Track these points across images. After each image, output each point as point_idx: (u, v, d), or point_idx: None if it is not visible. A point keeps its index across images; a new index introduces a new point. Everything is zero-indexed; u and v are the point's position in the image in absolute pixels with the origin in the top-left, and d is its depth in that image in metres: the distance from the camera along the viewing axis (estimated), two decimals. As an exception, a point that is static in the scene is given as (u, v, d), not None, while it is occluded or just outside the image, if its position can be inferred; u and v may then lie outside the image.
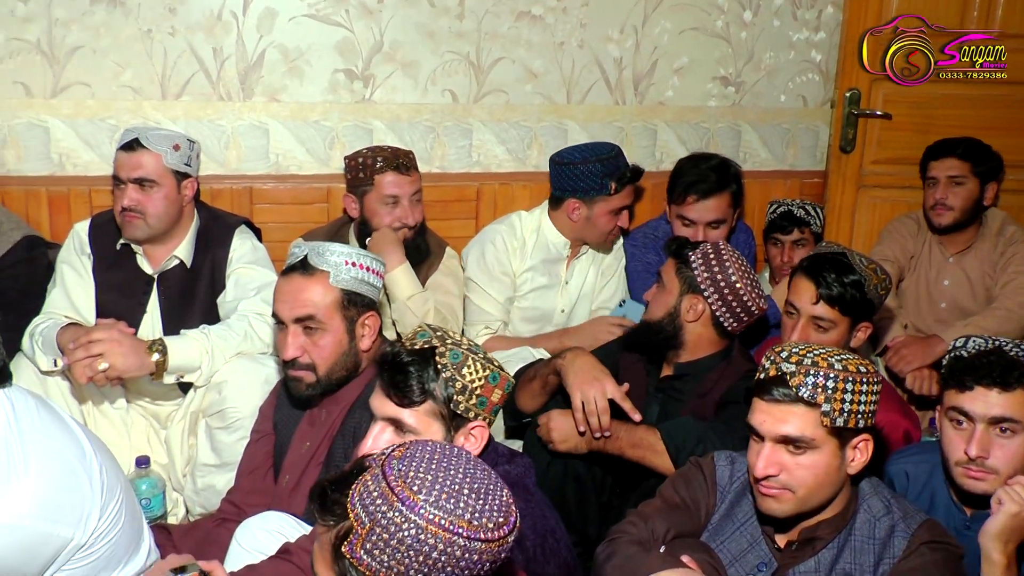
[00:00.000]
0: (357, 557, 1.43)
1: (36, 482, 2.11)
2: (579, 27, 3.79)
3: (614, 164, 3.43)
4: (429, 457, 1.52)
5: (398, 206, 3.30)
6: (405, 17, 3.63)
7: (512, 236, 3.57)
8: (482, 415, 2.06)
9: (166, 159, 3.06)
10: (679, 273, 2.76)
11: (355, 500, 1.46)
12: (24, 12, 3.38)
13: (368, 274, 2.54)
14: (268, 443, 2.67)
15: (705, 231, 3.49)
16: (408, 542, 1.41)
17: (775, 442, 1.99)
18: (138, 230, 3.07)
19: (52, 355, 2.90)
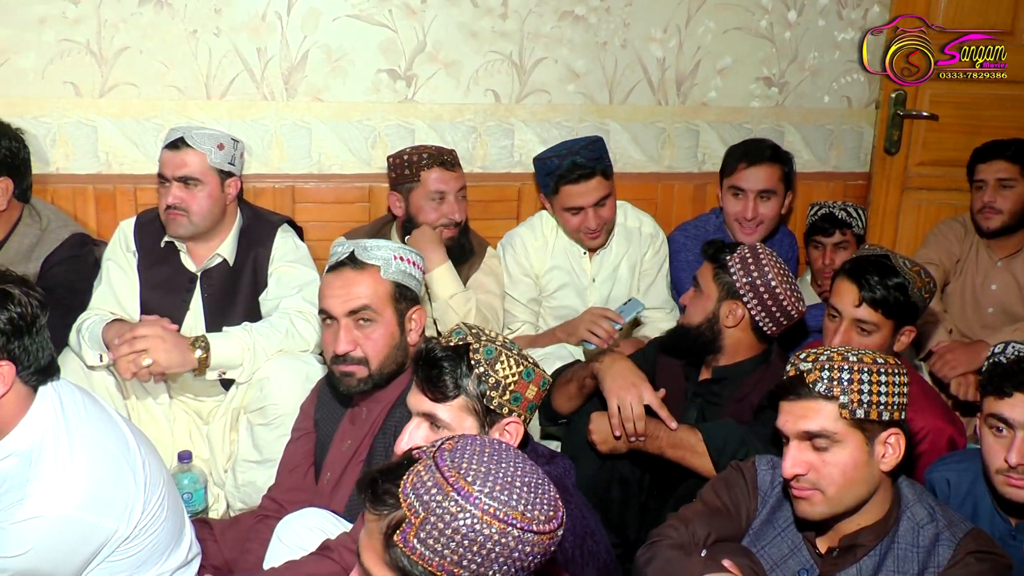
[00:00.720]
0: (410, 546, 1.43)
1: (82, 475, 2.15)
2: (622, 27, 3.77)
3: (555, 162, 3.40)
4: (480, 450, 1.53)
5: (444, 202, 3.31)
6: (448, 17, 3.64)
7: (533, 237, 3.57)
8: (516, 411, 2.05)
9: (210, 158, 3.09)
10: (717, 278, 2.74)
11: (408, 490, 1.46)
12: (75, 13, 3.44)
13: (413, 268, 2.56)
14: (309, 441, 2.68)
15: (755, 202, 3.49)
16: (463, 531, 1.42)
17: (799, 440, 1.99)
18: (182, 228, 3.10)
19: (97, 350, 2.94)
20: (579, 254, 3.56)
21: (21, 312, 2.10)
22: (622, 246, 3.60)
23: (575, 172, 3.36)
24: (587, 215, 3.41)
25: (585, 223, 3.42)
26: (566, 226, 3.48)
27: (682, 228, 3.72)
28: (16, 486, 2.12)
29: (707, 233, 3.60)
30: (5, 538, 2.08)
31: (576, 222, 3.44)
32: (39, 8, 3.41)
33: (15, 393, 2.13)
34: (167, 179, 3.09)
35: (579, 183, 3.37)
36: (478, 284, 3.38)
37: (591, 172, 3.37)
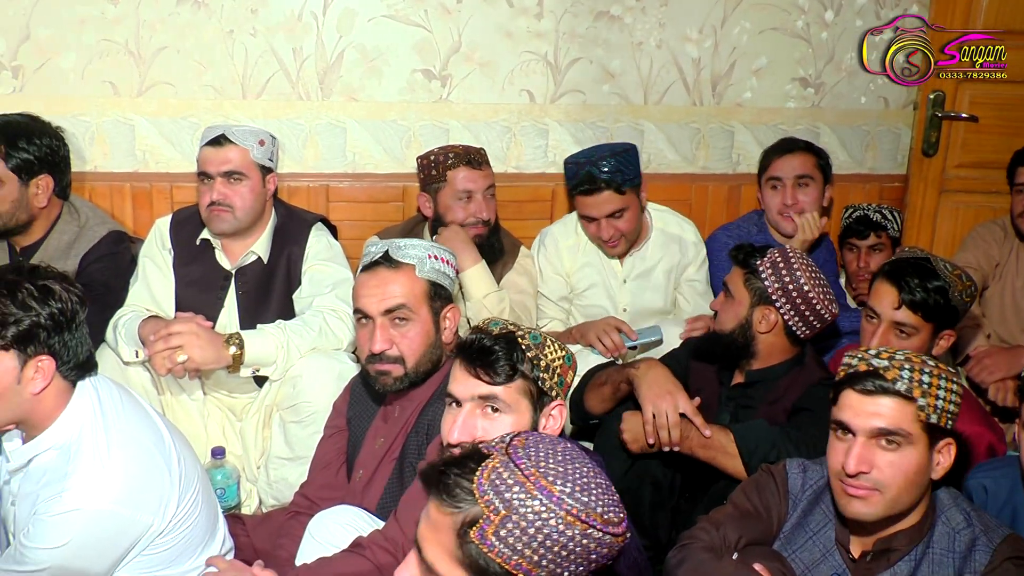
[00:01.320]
0: (488, 543, 1.43)
1: (119, 470, 2.17)
2: (658, 27, 3.76)
3: (574, 169, 3.37)
4: (552, 448, 1.54)
5: (472, 201, 3.32)
6: (484, 17, 3.64)
7: (565, 235, 3.57)
8: (561, 395, 2.09)
9: (252, 153, 3.12)
10: (748, 284, 2.71)
11: (486, 486, 1.46)
12: (114, 14, 3.47)
13: (446, 266, 2.58)
14: (341, 439, 2.70)
15: (793, 189, 3.47)
16: (547, 531, 1.43)
17: (868, 437, 1.94)
18: (226, 223, 3.11)
19: (133, 346, 2.96)
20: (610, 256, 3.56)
21: (61, 308, 2.13)
22: (658, 251, 3.57)
23: (585, 184, 3.33)
24: (600, 225, 3.39)
25: (598, 232, 3.41)
26: (585, 231, 3.50)
27: (725, 228, 3.70)
28: (55, 479, 2.14)
29: (749, 234, 3.57)
30: (45, 530, 2.11)
31: (592, 230, 3.44)
32: (80, 9, 3.45)
33: (55, 388, 2.16)
34: (209, 175, 3.10)
35: (590, 195, 3.34)
36: (511, 284, 3.38)
37: (603, 186, 3.31)
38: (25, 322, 2.07)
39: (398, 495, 2.43)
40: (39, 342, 2.10)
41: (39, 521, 2.12)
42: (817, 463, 2.14)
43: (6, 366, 2.08)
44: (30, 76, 3.50)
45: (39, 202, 3.14)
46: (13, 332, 2.07)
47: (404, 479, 2.48)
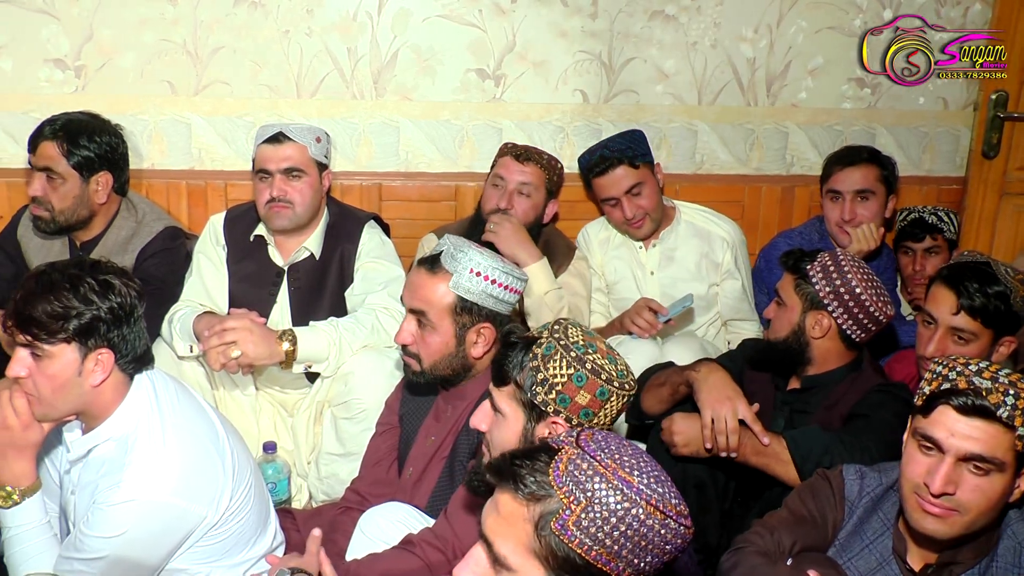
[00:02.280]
0: (569, 534, 1.45)
1: (175, 462, 2.20)
2: (712, 26, 3.73)
3: (586, 158, 3.44)
4: (617, 442, 1.57)
5: (500, 189, 3.33)
6: (538, 17, 3.63)
7: (597, 230, 3.59)
8: (564, 413, 2.00)
9: (310, 150, 3.15)
10: (799, 289, 2.66)
11: (564, 478, 1.48)
12: (172, 14, 3.52)
13: (498, 288, 2.50)
14: (393, 436, 2.71)
15: (852, 204, 3.40)
16: (628, 521, 1.45)
17: (958, 459, 1.85)
18: (286, 220, 3.14)
19: (188, 341, 3.00)
20: (636, 247, 3.54)
21: (121, 302, 2.16)
22: (687, 243, 3.53)
23: (600, 164, 3.37)
24: (622, 205, 3.39)
25: (622, 214, 3.40)
26: (610, 219, 3.50)
27: (785, 235, 3.64)
28: (113, 470, 2.18)
29: (811, 241, 3.52)
30: (103, 519, 2.14)
31: (616, 215, 3.43)
32: (140, 10, 3.51)
33: (113, 380, 2.19)
34: (269, 172, 3.13)
35: (605, 174, 3.37)
36: (565, 285, 3.36)
37: (616, 161, 3.35)
38: (86, 316, 2.11)
39: (448, 493, 2.43)
40: (99, 335, 2.13)
41: (97, 510, 2.15)
42: (875, 470, 2.10)
43: (67, 358, 2.12)
44: (92, 75, 3.56)
45: (99, 198, 3.19)
46: (75, 325, 2.10)
47: (455, 478, 2.48)
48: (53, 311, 2.09)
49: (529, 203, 3.37)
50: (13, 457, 2.23)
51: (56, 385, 2.14)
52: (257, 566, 2.45)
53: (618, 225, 3.50)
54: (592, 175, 3.41)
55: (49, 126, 3.14)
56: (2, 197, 3.55)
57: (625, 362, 2.09)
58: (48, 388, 2.15)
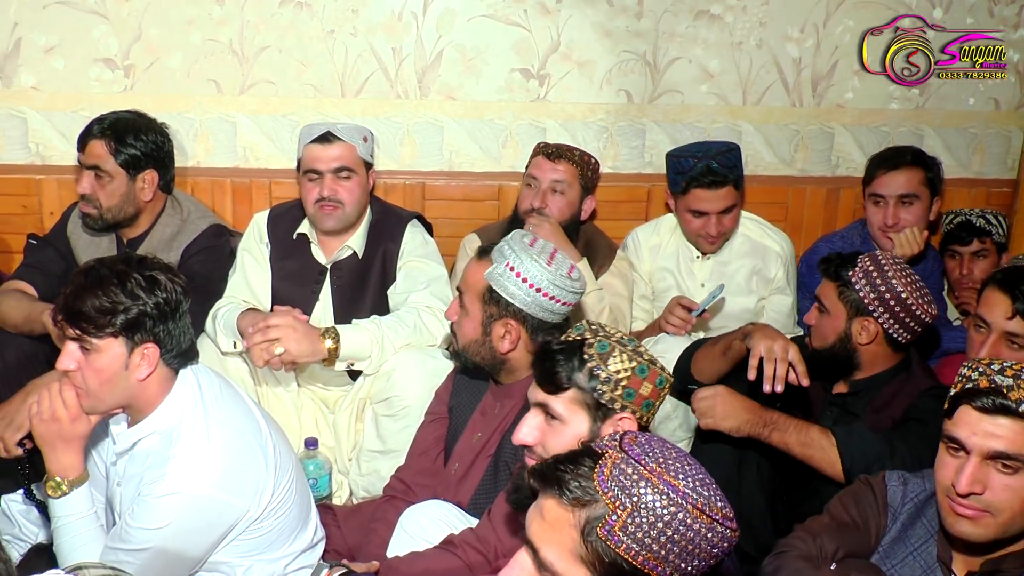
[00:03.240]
0: (616, 539, 1.44)
1: (218, 456, 2.22)
2: (758, 26, 3.70)
3: (691, 163, 3.34)
4: (661, 445, 1.56)
5: (534, 189, 3.33)
6: (583, 17, 3.63)
7: (648, 235, 3.56)
8: (630, 407, 2.02)
9: (359, 149, 3.16)
10: (843, 297, 2.63)
11: (609, 483, 1.47)
12: (220, 15, 3.56)
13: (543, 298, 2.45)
14: (441, 427, 2.71)
15: (896, 208, 3.34)
16: (675, 525, 1.44)
17: (984, 458, 1.83)
18: (336, 220, 3.15)
19: (232, 337, 3.02)
20: (692, 257, 3.50)
21: (166, 298, 2.18)
22: (742, 258, 3.51)
23: (708, 177, 3.30)
24: (710, 221, 3.35)
25: (706, 228, 3.37)
26: (687, 227, 3.43)
27: (827, 240, 3.58)
28: (158, 463, 2.20)
29: (852, 244, 3.47)
30: (148, 511, 2.16)
31: (697, 225, 3.38)
32: (188, 10, 3.55)
33: (158, 374, 2.22)
34: (319, 172, 3.14)
35: (710, 188, 3.31)
36: (606, 285, 3.35)
37: (724, 180, 3.30)
38: (133, 311, 2.13)
39: (492, 493, 2.43)
40: (145, 330, 2.16)
41: (142, 502, 2.18)
42: (919, 476, 2.07)
43: (114, 352, 2.15)
44: (140, 75, 3.61)
45: (145, 196, 3.22)
46: (122, 320, 2.12)
47: (499, 478, 2.47)
48: (101, 306, 2.11)
49: (564, 200, 3.35)
50: (62, 448, 2.25)
51: (103, 378, 2.17)
52: (297, 561, 2.47)
53: (692, 234, 3.44)
54: (695, 185, 3.32)
55: (97, 125, 3.17)
56: (53, 194, 3.60)
57: None
58: (96, 381, 2.17)
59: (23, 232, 3.41)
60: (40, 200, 3.61)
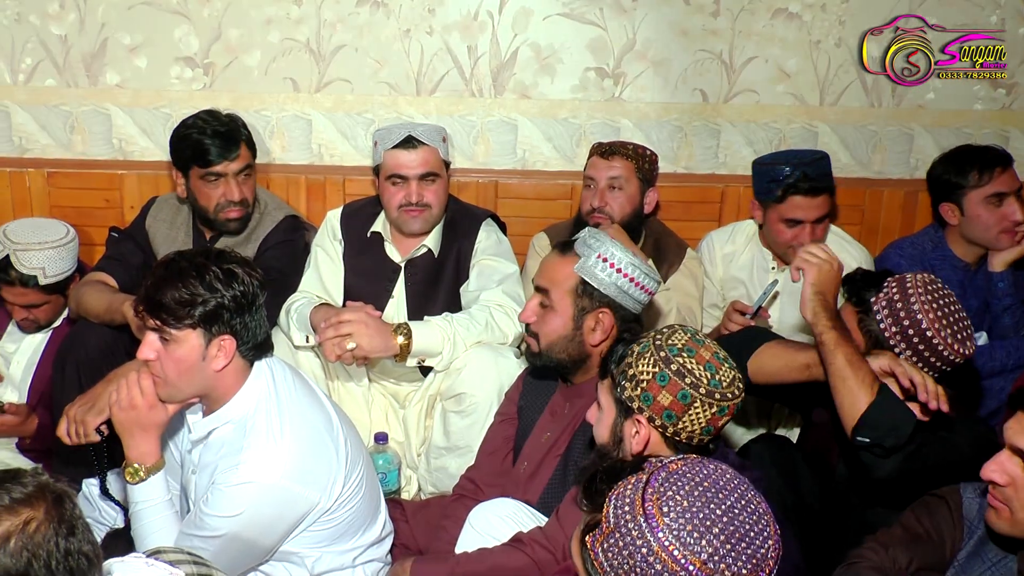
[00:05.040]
0: (594, 551, 1.47)
1: (291, 447, 2.25)
2: (837, 24, 3.64)
3: (787, 171, 3.21)
4: (699, 481, 1.49)
5: (592, 189, 3.31)
6: (659, 15, 3.60)
7: (722, 242, 3.48)
8: (647, 412, 1.99)
9: (441, 152, 3.17)
10: (862, 325, 2.46)
11: (612, 497, 1.48)
12: (297, 14, 3.61)
13: (628, 282, 2.48)
14: (511, 427, 2.72)
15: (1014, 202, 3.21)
16: (637, 558, 1.42)
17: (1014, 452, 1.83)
18: (422, 222, 3.16)
19: (304, 331, 3.05)
20: (767, 267, 3.41)
21: (243, 291, 2.21)
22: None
23: (807, 183, 3.18)
24: (804, 230, 3.23)
25: (800, 238, 3.23)
26: (778, 237, 3.29)
27: (897, 246, 3.47)
28: (232, 452, 2.24)
29: (924, 252, 3.36)
30: (222, 499, 2.20)
31: (790, 236, 3.25)
32: (267, 10, 3.60)
33: (234, 366, 2.25)
34: (404, 178, 3.13)
35: (809, 196, 3.19)
36: (677, 286, 3.31)
37: (822, 189, 3.21)
38: (211, 303, 2.17)
39: (560, 492, 2.43)
40: (223, 322, 2.20)
41: (216, 490, 2.21)
42: None
43: (192, 343, 2.19)
44: (219, 73, 3.67)
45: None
46: (200, 312, 2.16)
47: (567, 476, 2.47)
48: (181, 298, 2.15)
49: (624, 196, 3.31)
50: (139, 436, 2.30)
51: (182, 369, 2.21)
52: (366, 554, 2.49)
53: (781, 244, 3.30)
54: (793, 191, 3.20)
55: (243, 128, 3.23)
56: (133, 189, 3.67)
57: (733, 376, 2.02)
58: (174, 371, 2.22)
59: (105, 225, 3.50)
60: (121, 194, 3.69)
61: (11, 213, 3.63)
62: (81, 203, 3.69)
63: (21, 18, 3.61)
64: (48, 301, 3.13)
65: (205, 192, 3.17)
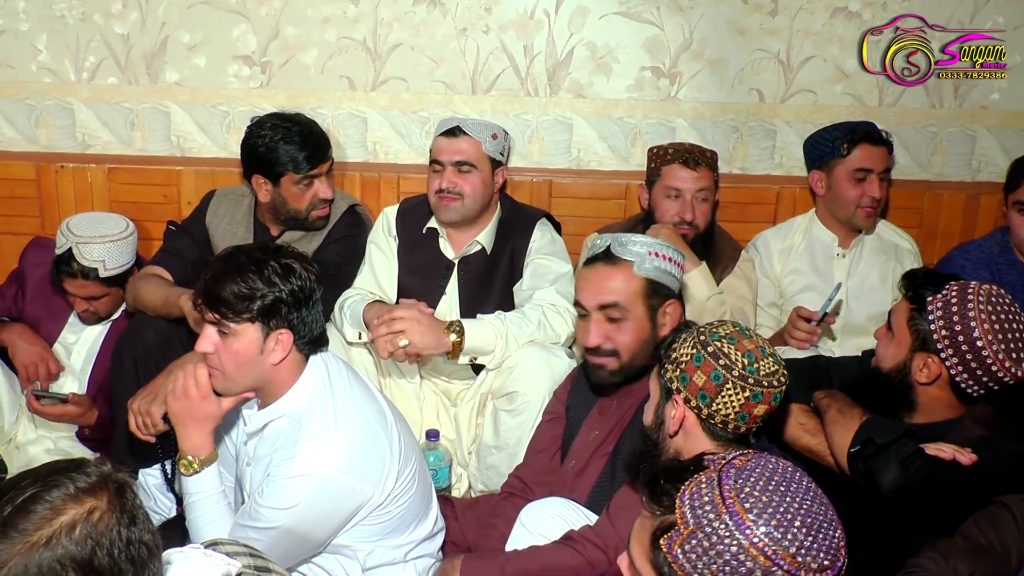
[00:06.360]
0: (673, 554, 1.44)
1: (345, 441, 2.27)
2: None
3: (847, 127, 3.33)
4: (769, 476, 1.49)
5: (679, 200, 3.26)
6: (716, 14, 3.57)
7: (777, 239, 3.48)
8: (684, 393, 2.06)
9: (485, 146, 3.17)
10: (911, 323, 2.33)
11: (685, 498, 1.47)
12: (354, 13, 3.63)
13: (670, 264, 2.52)
14: (559, 426, 2.71)
15: None
16: (726, 557, 1.41)
17: None
18: (453, 212, 3.18)
19: (357, 328, 3.06)
20: (831, 255, 3.41)
21: (301, 285, 2.24)
22: (876, 256, 3.43)
23: (875, 133, 3.31)
24: (873, 183, 3.29)
25: (869, 191, 3.29)
26: (844, 196, 3.32)
27: (962, 249, 3.40)
28: (287, 444, 2.26)
29: (991, 256, 3.30)
30: (277, 491, 2.22)
31: (858, 192, 3.30)
32: (324, 8, 3.62)
33: (291, 360, 2.28)
34: (441, 164, 3.18)
35: (876, 146, 3.30)
36: (730, 288, 3.29)
37: (884, 141, 3.32)
38: (269, 297, 2.20)
39: (609, 490, 2.42)
40: (280, 316, 2.22)
41: (272, 483, 2.24)
42: None
43: (251, 337, 2.21)
44: (276, 71, 3.71)
45: None
46: (259, 306, 2.19)
47: (616, 475, 2.46)
48: (240, 292, 2.18)
49: (707, 206, 3.31)
50: (192, 427, 2.34)
51: (239, 362, 2.24)
52: (418, 549, 2.50)
53: (850, 204, 3.32)
54: (861, 139, 3.29)
55: (317, 125, 3.28)
56: (190, 184, 3.72)
57: (776, 370, 2.04)
58: (232, 364, 2.24)
59: (162, 220, 3.54)
60: (179, 190, 3.74)
61: (73, 207, 3.70)
62: (140, 198, 3.74)
63: (86, 17, 3.67)
64: (108, 293, 3.18)
65: (297, 195, 3.22)
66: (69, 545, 1.29)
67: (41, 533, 1.28)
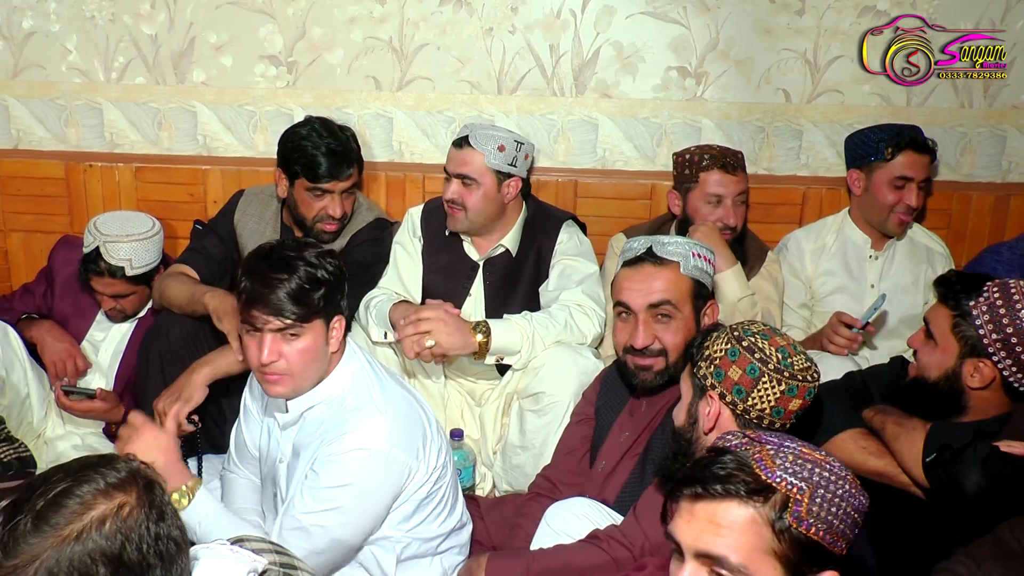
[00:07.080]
0: (806, 524, 1.47)
1: (393, 415, 2.32)
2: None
3: (893, 130, 3.29)
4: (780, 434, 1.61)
5: (721, 206, 3.24)
6: (743, 14, 3.56)
7: (807, 240, 3.46)
8: (719, 388, 2.09)
9: (488, 159, 3.14)
10: (956, 330, 2.29)
11: (774, 471, 1.49)
12: (381, 13, 3.63)
13: (707, 264, 2.55)
14: (588, 427, 2.70)
15: None
16: (844, 496, 1.49)
17: None
18: (458, 222, 3.20)
19: (383, 328, 3.07)
20: (864, 257, 3.40)
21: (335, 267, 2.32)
22: (907, 259, 3.41)
23: (921, 140, 3.28)
24: (912, 190, 3.27)
25: (907, 199, 3.27)
26: (882, 201, 3.30)
27: (992, 251, 3.34)
28: (334, 426, 2.29)
29: (1022, 256, 3.25)
30: (334, 468, 2.25)
31: (895, 198, 3.28)
32: (351, 8, 3.63)
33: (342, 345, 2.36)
34: (449, 174, 3.20)
35: (920, 154, 3.27)
36: (757, 289, 3.27)
37: (929, 149, 3.30)
38: (321, 288, 2.24)
39: (638, 492, 2.41)
40: (334, 304, 2.28)
41: (327, 462, 2.25)
42: None
43: (318, 331, 2.27)
44: (302, 71, 3.72)
45: None
46: (317, 297, 2.23)
47: (646, 477, 2.45)
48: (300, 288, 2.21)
49: (744, 208, 3.31)
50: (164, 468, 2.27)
51: (309, 359, 2.27)
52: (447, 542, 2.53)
53: (886, 209, 3.31)
54: (907, 145, 3.26)
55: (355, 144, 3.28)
56: (217, 184, 3.74)
57: (808, 366, 2.09)
58: (301, 363, 2.27)
59: (189, 219, 3.56)
60: (205, 189, 3.75)
61: (101, 206, 3.72)
62: (167, 197, 3.76)
63: (116, 18, 3.69)
64: (134, 291, 3.21)
65: (307, 202, 3.22)
66: (99, 539, 1.30)
67: (72, 527, 1.29)
